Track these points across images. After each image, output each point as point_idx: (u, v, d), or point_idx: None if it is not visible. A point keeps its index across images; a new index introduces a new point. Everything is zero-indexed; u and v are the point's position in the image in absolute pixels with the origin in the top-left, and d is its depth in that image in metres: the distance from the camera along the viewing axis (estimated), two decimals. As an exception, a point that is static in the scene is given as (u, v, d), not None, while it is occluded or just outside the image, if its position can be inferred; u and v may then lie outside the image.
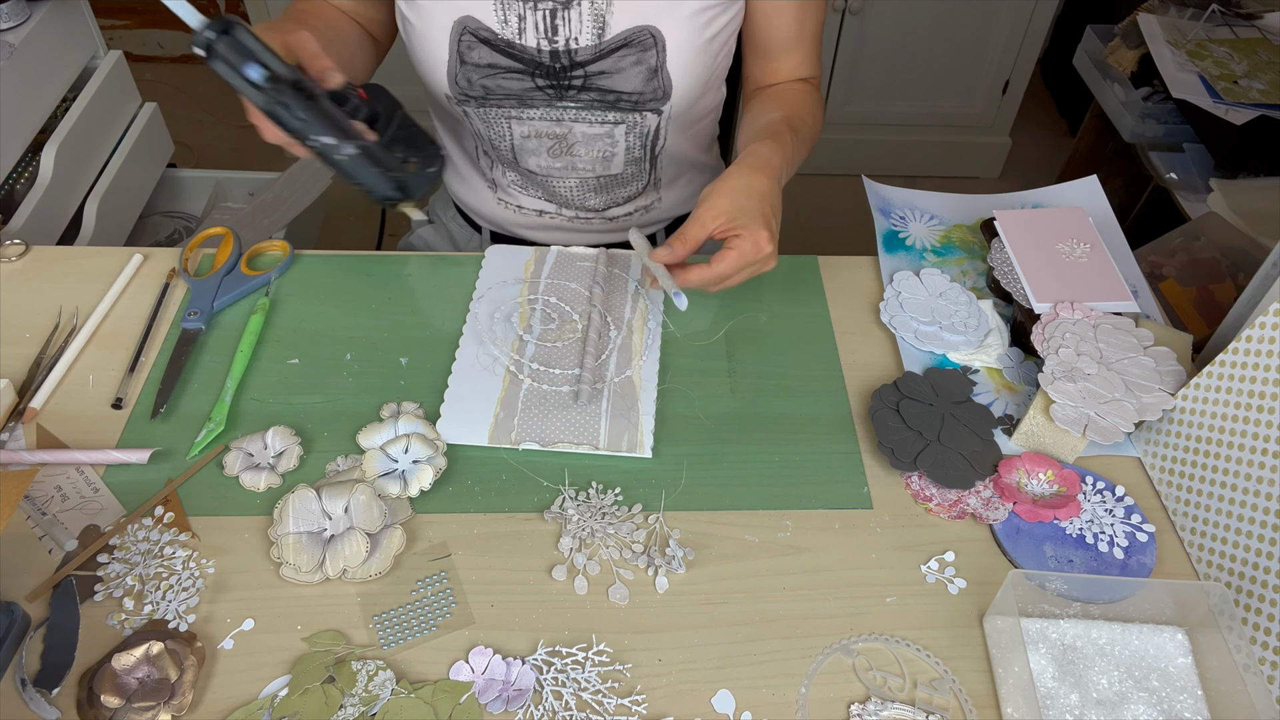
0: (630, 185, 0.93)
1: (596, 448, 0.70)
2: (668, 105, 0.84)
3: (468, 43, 0.80)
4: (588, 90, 0.82)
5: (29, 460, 0.67)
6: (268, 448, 0.68)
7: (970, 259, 0.87)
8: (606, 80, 0.81)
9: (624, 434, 0.70)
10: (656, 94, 0.83)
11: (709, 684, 0.58)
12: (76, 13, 1.32)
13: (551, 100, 0.83)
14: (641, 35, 0.79)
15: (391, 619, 0.60)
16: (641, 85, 0.82)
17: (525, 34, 0.79)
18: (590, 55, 0.80)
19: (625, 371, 0.75)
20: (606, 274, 0.83)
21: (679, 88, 0.82)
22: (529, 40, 0.79)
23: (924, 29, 1.97)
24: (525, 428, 0.71)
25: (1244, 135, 1.47)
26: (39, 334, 0.77)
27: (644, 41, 0.79)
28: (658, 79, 0.81)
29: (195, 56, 0.63)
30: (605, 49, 0.80)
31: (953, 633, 0.61)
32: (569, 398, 0.73)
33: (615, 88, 0.82)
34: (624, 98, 0.83)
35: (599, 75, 0.81)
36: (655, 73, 0.81)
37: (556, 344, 0.77)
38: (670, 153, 0.91)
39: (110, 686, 0.55)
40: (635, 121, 0.85)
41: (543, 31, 0.79)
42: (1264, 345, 0.64)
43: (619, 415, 0.72)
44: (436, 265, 0.86)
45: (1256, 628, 0.60)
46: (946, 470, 0.67)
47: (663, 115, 0.85)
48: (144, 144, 1.45)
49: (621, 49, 0.79)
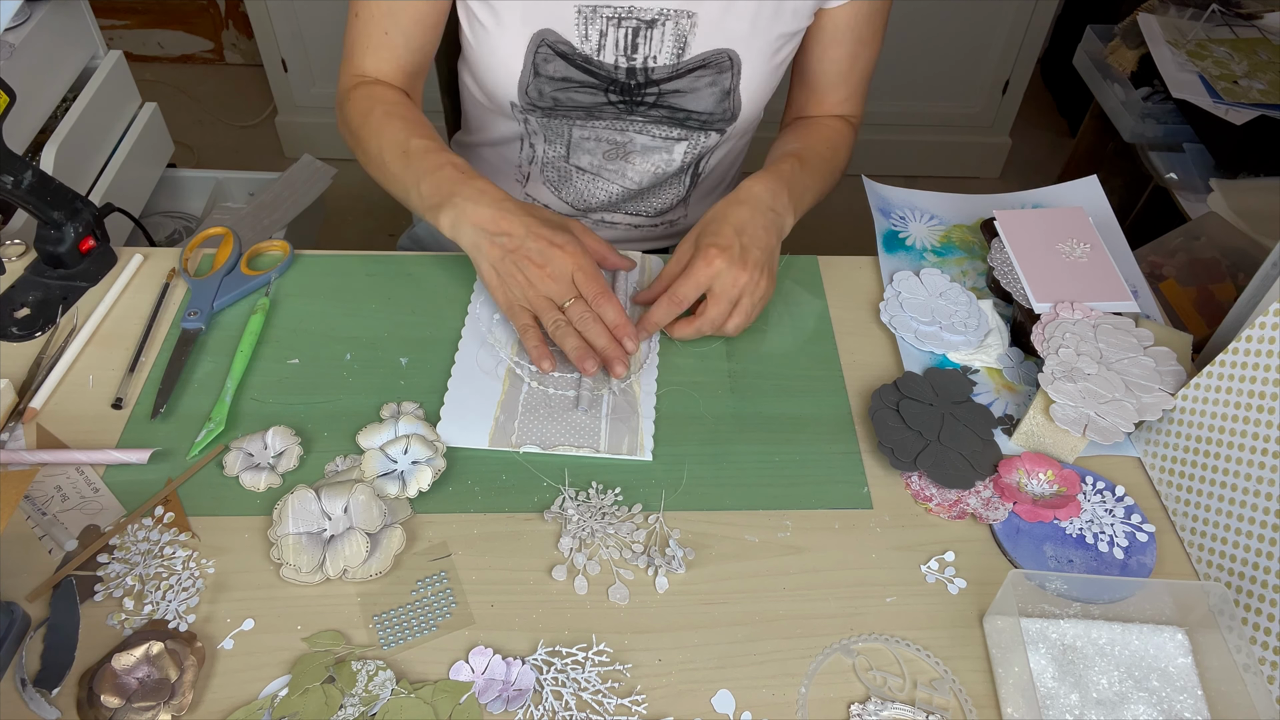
0: (665, 197, 0.93)
1: (597, 450, 0.70)
2: (733, 126, 0.84)
3: (544, 55, 0.79)
4: (659, 107, 0.83)
5: (29, 460, 0.67)
6: (268, 448, 0.68)
7: (970, 259, 0.87)
8: (679, 99, 0.82)
9: (624, 438, 0.70)
10: (726, 115, 0.83)
11: (709, 684, 0.58)
12: (76, 13, 1.32)
13: (620, 114, 0.84)
14: (719, 58, 0.79)
15: (391, 619, 0.60)
16: (713, 106, 0.83)
17: (604, 51, 0.79)
18: (667, 74, 0.80)
19: (626, 379, 0.75)
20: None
21: (746, 109, 0.83)
22: (607, 57, 0.79)
23: (924, 29, 1.97)
24: (526, 430, 0.71)
25: (1244, 135, 1.47)
26: (39, 334, 0.77)
27: (721, 64, 0.80)
28: (729, 100, 0.82)
29: (195, 57, 0.63)
30: (683, 69, 0.80)
31: (953, 633, 0.61)
32: (570, 402, 0.73)
33: (687, 106, 0.82)
34: (694, 116, 0.83)
35: (673, 94, 0.82)
36: (728, 94, 0.81)
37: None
38: (713, 171, 0.92)
39: (110, 686, 0.55)
40: (698, 140, 0.86)
41: (622, 49, 0.79)
42: (1264, 345, 0.64)
43: (619, 419, 0.72)
44: (437, 264, 0.86)
45: (1256, 628, 0.60)
46: (946, 470, 0.67)
47: (725, 134, 0.85)
48: (144, 144, 1.45)
49: (699, 69, 0.80)
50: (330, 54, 1.94)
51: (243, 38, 2.44)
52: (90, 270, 0.81)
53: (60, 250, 0.78)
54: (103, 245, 0.81)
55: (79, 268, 0.80)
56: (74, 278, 0.80)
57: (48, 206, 0.77)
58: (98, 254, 0.81)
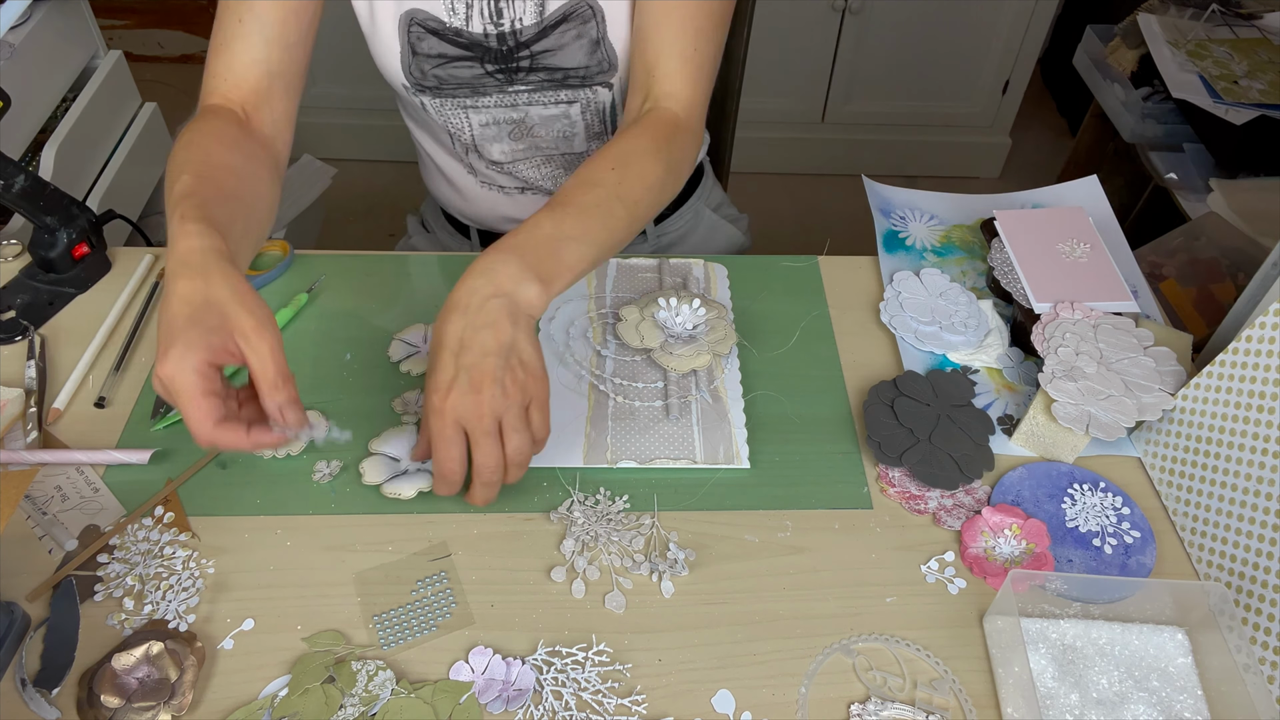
0: None
1: (694, 461, 0.69)
2: (616, 77, 0.84)
3: (417, 33, 0.81)
4: (535, 71, 0.83)
5: (29, 460, 0.67)
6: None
7: (970, 259, 0.87)
8: (551, 58, 0.82)
9: (719, 446, 0.70)
10: (602, 66, 0.83)
11: (709, 684, 0.58)
12: (76, 13, 1.32)
13: (503, 85, 0.84)
14: (580, 8, 0.80)
15: (391, 619, 0.60)
16: (585, 59, 0.82)
17: (472, 21, 0.80)
18: (534, 34, 0.81)
19: (712, 382, 0.74)
20: (670, 284, 0.83)
21: (624, 59, 0.83)
22: (475, 26, 0.80)
23: (924, 29, 1.97)
24: (619, 446, 0.70)
25: (1244, 135, 1.47)
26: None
27: (583, 14, 0.80)
28: (600, 50, 0.82)
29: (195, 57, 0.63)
30: (547, 25, 0.80)
31: (953, 633, 0.61)
32: (659, 412, 0.72)
33: (561, 64, 0.83)
34: (571, 74, 0.83)
35: (544, 54, 0.82)
36: (597, 44, 0.81)
37: (635, 357, 0.76)
38: None
39: (110, 686, 0.55)
40: (588, 98, 0.86)
41: (488, 16, 0.80)
42: (1264, 345, 0.64)
43: (711, 427, 0.71)
44: (437, 264, 0.86)
45: (1256, 628, 0.60)
46: (932, 469, 0.67)
47: (614, 89, 0.85)
48: (144, 144, 1.45)
49: (562, 24, 0.80)
50: (330, 54, 1.93)
51: (243, 38, 2.43)
52: (81, 277, 0.80)
53: (52, 255, 0.78)
54: (97, 252, 0.81)
55: (70, 274, 0.80)
56: (64, 283, 0.80)
57: (41, 211, 0.77)
58: (91, 261, 0.81)
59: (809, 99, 2.09)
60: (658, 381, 0.74)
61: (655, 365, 0.75)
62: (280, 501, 0.66)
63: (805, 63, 2.01)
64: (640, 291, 0.82)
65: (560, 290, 0.64)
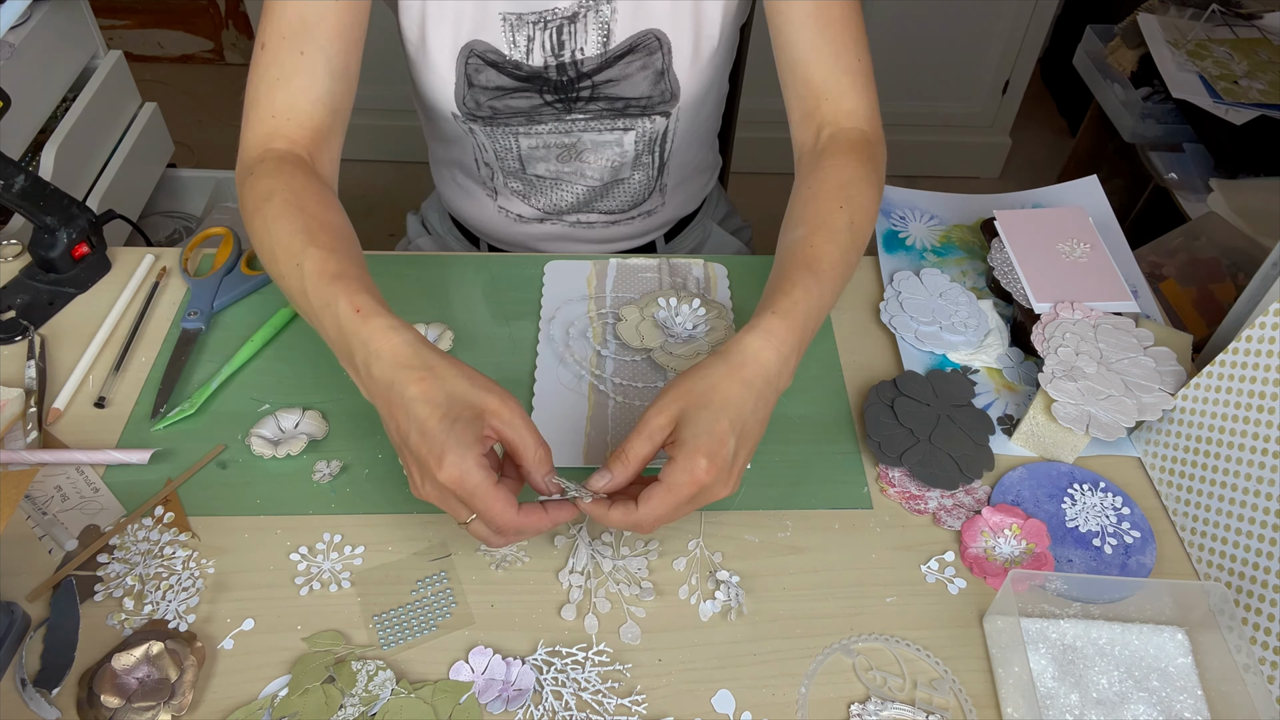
0: (636, 190, 0.93)
1: None
2: (676, 107, 0.84)
3: (475, 65, 0.79)
4: (596, 100, 0.82)
5: (29, 460, 0.67)
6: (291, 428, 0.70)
7: (970, 259, 0.87)
8: (614, 88, 0.81)
9: None
10: (665, 96, 0.82)
11: (709, 684, 0.58)
12: (76, 13, 1.32)
13: (560, 114, 0.83)
14: (647, 39, 0.79)
15: (391, 619, 0.60)
16: (649, 89, 0.82)
17: (533, 54, 0.79)
18: (596, 65, 0.80)
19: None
20: (671, 284, 0.83)
21: (686, 88, 0.82)
22: (536, 60, 0.79)
23: (924, 29, 1.97)
24: None
25: (1244, 135, 1.47)
26: (39, 334, 0.77)
27: (649, 45, 0.79)
28: (665, 81, 0.81)
29: (195, 57, 0.63)
30: (611, 57, 0.79)
31: (953, 633, 0.61)
32: None
33: (623, 94, 0.82)
34: (632, 103, 0.83)
35: (606, 84, 0.81)
36: (662, 75, 0.81)
37: (635, 357, 0.76)
38: (677, 155, 0.91)
39: (110, 686, 0.55)
40: (645, 127, 0.85)
41: (550, 49, 0.78)
42: (1264, 345, 0.64)
43: None
44: (437, 265, 0.86)
45: (1256, 628, 0.60)
46: (931, 469, 0.67)
47: (671, 117, 0.85)
48: (144, 144, 1.45)
49: (628, 55, 0.79)
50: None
51: (243, 38, 2.44)
52: (81, 277, 0.80)
53: (52, 255, 0.78)
54: (97, 252, 0.81)
55: (70, 273, 0.80)
56: (64, 283, 0.80)
57: (40, 211, 0.77)
58: (91, 261, 0.81)
59: (809, 99, 2.09)
60: (658, 381, 0.74)
61: (655, 365, 0.75)
62: (280, 501, 0.66)
63: (805, 63, 2.01)
64: (640, 292, 0.82)
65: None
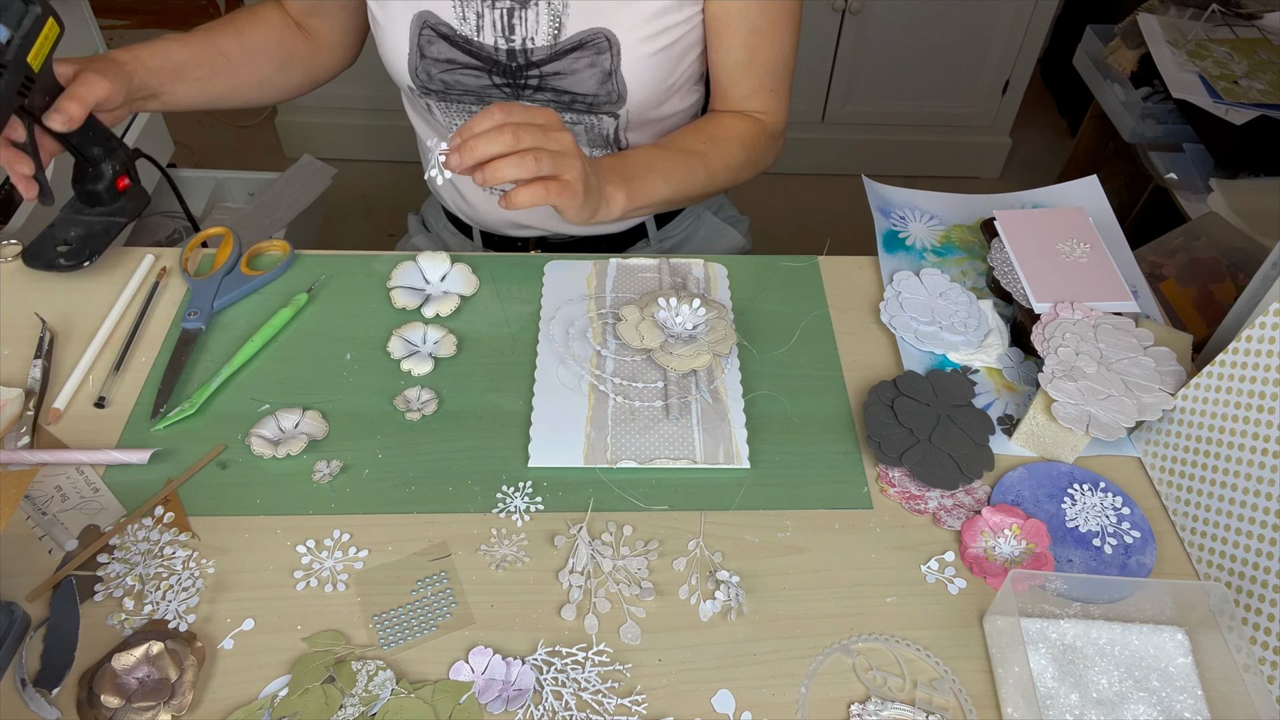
0: None
1: (694, 462, 0.69)
2: (624, 109, 0.84)
3: (427, 36, 0.81)
4: (543, 90, 0.83)
5: (29, 460, 0.67)
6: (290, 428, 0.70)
7: (970, 259, 0.87)
8: (561, 81, 0.82)
9: (719, 446, 0.70)
10: (611, 97, 0.83)
11: (709, 684, 0.58)
12: (76, 12, 1.32)
13: (508, 99, 0.84)
14: (596, 38, 0.80)
15: (391, 619, 0.60)
16: (595, 88, 0.82)
17: (483, 32, 0.80)
18: (545, 55, 0.81)
19: (712, 383, 0.74)
20: (671, 284, 0.83)
21: (635, 93, 0.83)
22: (486, 38, 0.81)
23: (924, 29, 1.97)
24: (620, 445, 0.70)
25: (1244, 135, 1.47)
26: (37, 335, 0.77)
27: (598, 44, 0.80)
28: (611, 82, 0.82)
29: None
30: (560, 50, 0.80)
31: (953, 633, 0.61)
32: (659, 412, 0.72)
33: (570, 89, 0.83)
34: (579, 99, 0.84)
35: (554, 76, 0.82)
36: (609, 76, 0.81)
37: (635, 357, 0.76)
38: None
39: (110, 686, 0.55)
40: (592, 124, 0.86)
41: (500, 30, 0.80)
42: (1264, 345, 0.64)
43: (711, 427, 0.71)
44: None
45: (1256, 628, 0.60)
46: (932, 469, 0.67)
47: (619, 119, 0.85)
48: (143, 144, 1.45)
49: (576, 50, 0.80)
50: (330, 54, 1.93)
51: (243, 38, 2.43)
52: (128, 207, 0.82)
53: (99, 187, 0.80)
54: (136, 185, 0.83)
55: (116, 204, 0.81)
56: (114, 214, 0.81)
57: (89, 142, 0.78)
58: (134, 192, 0.82)
59: (809, 99, 2.09)
60: (658, 381, 0.74)
61: (655, 365, 0.75)
62: (280, 501, 0.66)
63: (805, 63, 2.01)
64: (640, 291, 0.82)
65: (635, 209, 0.79)
